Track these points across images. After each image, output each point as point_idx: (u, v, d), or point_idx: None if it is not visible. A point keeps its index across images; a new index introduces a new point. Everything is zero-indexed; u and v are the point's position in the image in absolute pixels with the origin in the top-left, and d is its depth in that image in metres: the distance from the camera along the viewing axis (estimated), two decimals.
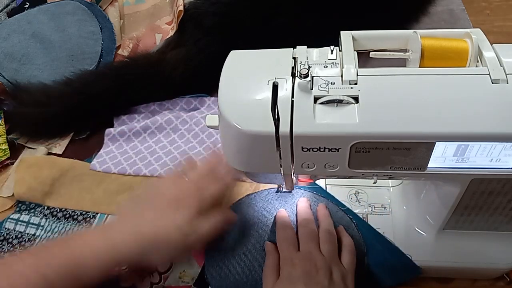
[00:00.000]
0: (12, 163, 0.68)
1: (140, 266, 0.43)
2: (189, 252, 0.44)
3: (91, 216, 0.60)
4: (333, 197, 0.56)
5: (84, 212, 0.61)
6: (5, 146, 0.69)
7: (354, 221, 0.54)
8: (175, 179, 0.49)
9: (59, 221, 0.61)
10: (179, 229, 0.43)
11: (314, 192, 0.57)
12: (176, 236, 0.43)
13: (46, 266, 0.41)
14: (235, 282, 0.51)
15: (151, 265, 0.44)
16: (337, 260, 0.47)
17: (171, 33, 0.78)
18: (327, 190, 0.57)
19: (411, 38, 0.42)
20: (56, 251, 0.42)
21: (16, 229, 0.60)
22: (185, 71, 0.71)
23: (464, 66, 0.39)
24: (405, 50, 0.43)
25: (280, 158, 0.39)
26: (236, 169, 0.43)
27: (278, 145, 0.37)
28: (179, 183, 0.48)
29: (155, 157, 0.66)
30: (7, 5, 0.92)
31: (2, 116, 0.73)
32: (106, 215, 0.60)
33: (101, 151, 0.69)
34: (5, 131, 0.71)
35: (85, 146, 0.70)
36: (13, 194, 0.64)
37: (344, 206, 0.55)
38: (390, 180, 0.57)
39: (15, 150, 0.69)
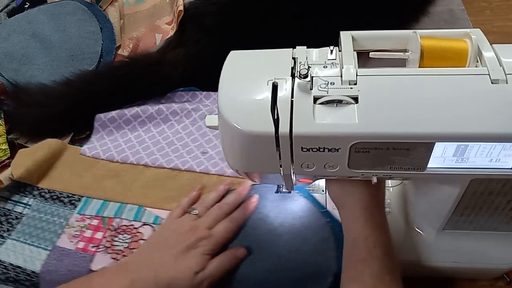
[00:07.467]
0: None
1: None
2: None
3: (77, 199, 0.62)
4: (316, 200, 0.57)
5: (70, 195, 0.63)
6: (5, 146, 0.69)
7: (331, 223, 0.54)
8: (189, 222, 0.51)
9: (46, 202, 0.63)
10: (193, 273, 0.47)
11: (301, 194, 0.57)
12: (190, 280, 0.46)
13: None
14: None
15: None
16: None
17: (171, 33, 0.78)
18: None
19: (410, 38, 0.42)
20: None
21: (5, 207, 0.63)
22: (185, 71, 0.71)
23: (464, 66, 0.39)
24: (404, 50, 0.43)
25: (280, 158, 0.39)
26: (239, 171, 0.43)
27: (277, 145, 0.37)
28: (193, 226, 0.50)
29: (143, 146, 0.67)
30: (7, 5, 0.92)
31: (2, 116, 0.73)
32: (91, 199, 0.62)
33: (92, 137, 0.69)
34: (5, 131, 0.71)
35: None
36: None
37: (324, 208, 0.56)
38: (390, 180, 0.57)
39: (15, 150, 0.69)
